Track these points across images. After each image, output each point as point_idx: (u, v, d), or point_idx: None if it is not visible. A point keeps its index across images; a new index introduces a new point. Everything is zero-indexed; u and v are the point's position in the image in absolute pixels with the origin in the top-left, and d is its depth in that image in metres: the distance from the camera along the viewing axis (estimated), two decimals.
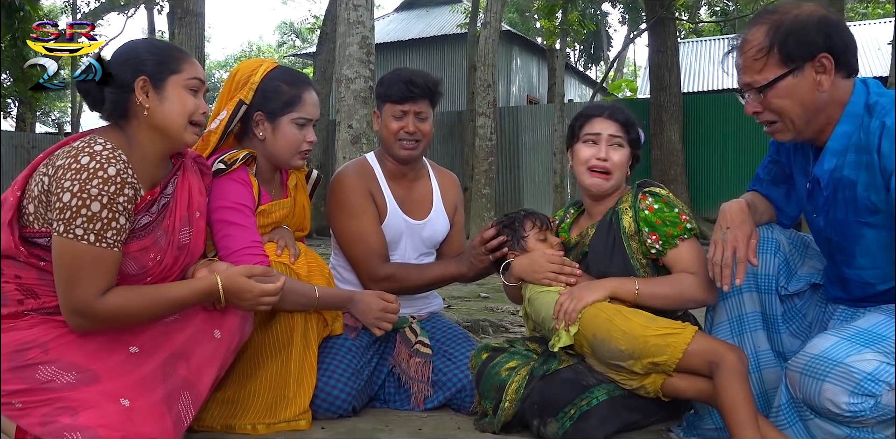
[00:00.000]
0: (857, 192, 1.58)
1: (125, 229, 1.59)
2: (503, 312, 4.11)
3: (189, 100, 1.70)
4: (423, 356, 2.24)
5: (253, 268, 1.74)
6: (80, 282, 1.54)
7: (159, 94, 1.67)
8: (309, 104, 2.09)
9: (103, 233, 1.55)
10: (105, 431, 1.47)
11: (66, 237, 1.53)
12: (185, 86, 1.69)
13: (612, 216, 2.00)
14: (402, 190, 2.36)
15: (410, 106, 2.26)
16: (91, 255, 1.54)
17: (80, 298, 1.55)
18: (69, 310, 1.57)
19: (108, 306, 1.57)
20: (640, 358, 1.77)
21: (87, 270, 1.54)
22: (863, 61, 16.12)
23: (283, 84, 2.07)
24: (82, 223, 1.53)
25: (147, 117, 1.66)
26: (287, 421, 1.94)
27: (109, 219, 1.55)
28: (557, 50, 15.37)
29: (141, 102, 1.65)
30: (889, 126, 1.49)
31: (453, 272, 2.25)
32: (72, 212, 1.53)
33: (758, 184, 1.93)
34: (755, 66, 1.60)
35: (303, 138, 2.08)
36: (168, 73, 1.67)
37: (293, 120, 2.07)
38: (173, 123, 1.68)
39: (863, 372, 1.46)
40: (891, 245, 1.57)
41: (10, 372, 1.55)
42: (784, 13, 1.60)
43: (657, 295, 1.87)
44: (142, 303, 1.61)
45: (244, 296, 1.70)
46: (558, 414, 1.83)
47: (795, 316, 1.85)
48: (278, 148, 2.08)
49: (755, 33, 1.61)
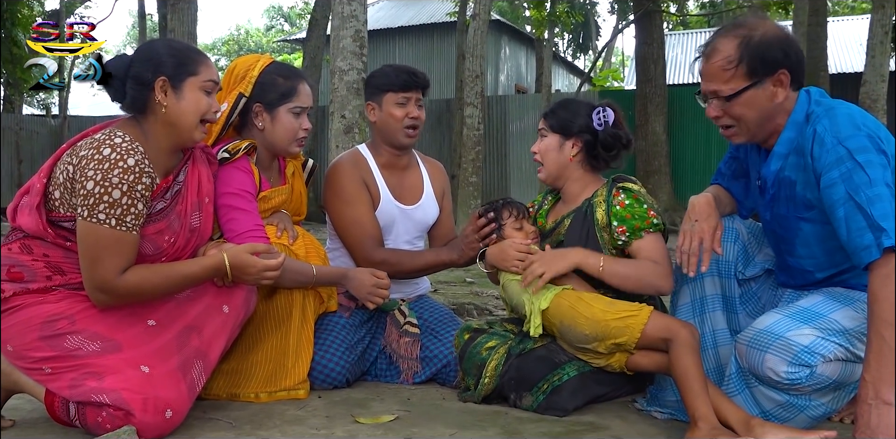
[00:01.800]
0: (797, 191, 1.76)
1: (142, 214, 1.75)
2: (488, 296, 4.29)
3: (203, 100, 1.84)
4: (411, 335, 2.41)
5: (256, 246, 1.89)
6: (102, 262, 1.70)
7: (177, 94, 1.81)
8: (303, 94, 2.26)
9: (123, 218, 1.70)
10: (128, 394, 1.64)
11: (89, 221, 1.69)
12: (200, 87, 1.84)
13: (587, 208, 2.15)
14: (394, 178, 2.52)
15: (413, 93, 2.44)
16: (112, 238, 1.70)
17: (103, 276, 1.71)
18: (92, 287, 1.73)
19: (127, 283, 1.73)
20: (603, 339, 1.94)
21: (108, 251, 1.70)
22: (846, 56, 16.38)
23: (279, 77, 2.24)
24: (105, 209, 1.68)
25: (164, 114, 1.81)
26: (287, 390, 2.11)
27: (129, 205, 1.70)
28: (546, 39, 15.49)
29: (160, 100, 1.80)
30: (819, 133, 1.68)
31: (444, 259, 2.40)
32: (95, 198, 1.68)
33: (720, 178, 2.11)
34: (723, 75, 1.75)
35: (299, 126, 2.25)
36: (186, 74, 1.82)
37: (290, 109, 2.23)
38: (186, 121, 1.82)
39: (800, 345, 1.64)
40: (825, 238, 1.75)
41: (41, 340, 1.71)
42: (752, 29, 1.75)
43: (619, 273, 2.01)
44: (157, 280, 1.78)
45: (248, 271, 1.86)
46: (533, 388, 2.01)
47: (751, 298, 2.04)
48: (277, 136, 2.24)
49: (726, 45, 1.75)
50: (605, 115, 2.14)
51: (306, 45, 13.20)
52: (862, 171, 1.60)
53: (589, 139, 2.16)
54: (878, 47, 7.91)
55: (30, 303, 1.74)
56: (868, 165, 1.60)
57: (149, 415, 1.64)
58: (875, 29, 7.98)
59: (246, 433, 1.79)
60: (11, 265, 1.77)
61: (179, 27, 8.55)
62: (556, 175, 2.20)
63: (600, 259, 2.03)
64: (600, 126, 2.14)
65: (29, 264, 1.77)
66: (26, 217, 1.75)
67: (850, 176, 1.61)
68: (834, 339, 1.66)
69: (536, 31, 16.29)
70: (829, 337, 1.66)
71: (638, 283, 2.02)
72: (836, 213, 1.63)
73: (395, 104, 2.43)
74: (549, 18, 14.25)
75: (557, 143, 2.18)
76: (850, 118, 1.69)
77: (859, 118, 1.70)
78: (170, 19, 8.49)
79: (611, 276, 2.01)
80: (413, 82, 2.43)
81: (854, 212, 1.59)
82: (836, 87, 11.30)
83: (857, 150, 1.62)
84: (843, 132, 1.66)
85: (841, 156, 1.63)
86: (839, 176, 1.62)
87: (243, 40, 39.36)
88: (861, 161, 1.61)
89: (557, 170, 2.19)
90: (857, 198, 1.59)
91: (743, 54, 1.73)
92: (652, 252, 2.05)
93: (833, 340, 1.66)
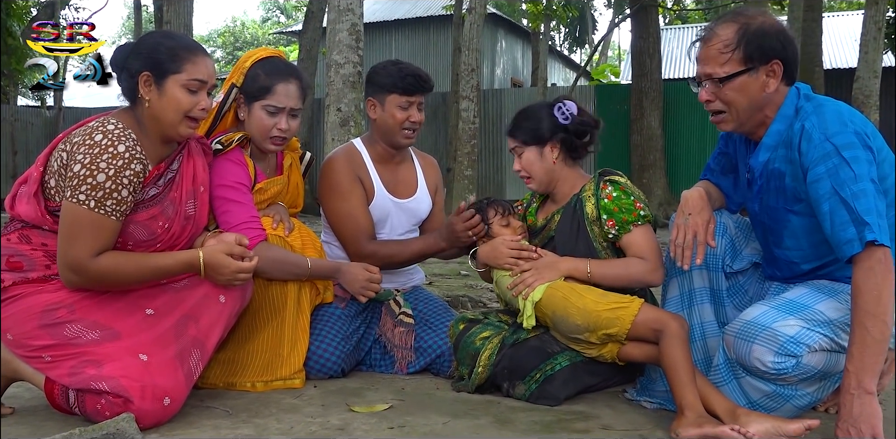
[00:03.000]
0: (786, 183, 1.80)
1: (126, 201, 1.76)
2: (482, 289, 4.32)
3: (185, 99, 1.84)
4: (406, 326, 2.44)
5: (233, 247, 1.90)
6: (77, 242, 1.72)
7: (159, 90, 1.83)
8: (281, 94, 2.22)
9: (103, 201, 1.72)
10: (127, 381, 1.68)
11: (70, 201, 1.72)
12: (183, 85, 1.84)
13: (576, 203, 2.18)
14: (388, 173, 2.54)
15: (417, 97, 2.44)
16: (88, 218, 1.72)
17: (75, 256, 1.73)
18: (64, 266, 1.75)
19: (98, 266, 1.75)
20: (594, 330, 1.98)
21: (84, 232, 1.72)
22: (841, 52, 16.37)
23: (262, 73, 2.22)
24: (86, 190, 1.71)
25: (148, 108, 1.84)
26: (283, 380, 2.14)
27: (111, 189, 1.72)
28: (542, 33, 15.49)
29: (142, 95, 1.83)
30: (807, 128, 1.71)
31: (432, 246, 2.42)
32: (79, 180, 1.71)
33: (709, 174, 2.14)
34: (720, 58, 1.79)
35: (272, 125, 2.22)
36: (169, 72, 1.83)
37: (263, 106, 2.22)
38: (167, 117, 1.84)
39: (786, 335, 1.68)
40: (812, 230, 1.79)
41: (40, 329, 1.74)
42: (752, 18, 1.80)
43: (608, 275, 2.09)
44: (129, 267, 1.79)
45: (222, 271, 1.87)
46: (525, 377, 2.05)
47: (739, 291, 2.07)
48: (252, 131, 2.25)
49: (725, 30, 1.80)
50: (568, 108, 2.16)
51: (302, 37, 13.17)
52: (848, 167, 1.64)
53: (564, 136, 2.18)
54: (871, 43, 7.95)
55: (29, 293, 1.77)
56: (854, 161, 1.64)
57: (147, 403, 1.68)
58: (868, 25, 8.01)
59: (242, 421, 1.82)
60: (11, 254, 1.80)
61: (175, 19, 8.54)
62: (547, 181, 2.23)
63: (587, 265, 2.10)
64: (567, 120, 2.16)
65: (28, 253, 1.79)
66: (24, 205, 1.78)
67: (837, 171, 1.64)
68: (819, 330, 1.70)
69: (532, 25, 16.29)
70: (815, 328, 1.70)
71: (628, 280, 2.10)
72: (822, 208, 1.66)
73: (398, 106, 2.43)
74: (546, 12, 14.25)
75: (537, 154, 2.20)
76: (839, 115, 1.72)
77: (847, 115, 1.73)
78: (166, 11, 8.48)
79: (601, 279, 2.09)
80: (419, 87, 2.43)
81: (839, 207, 1.63)
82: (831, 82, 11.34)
83: (844, 146, 1.66)
84: (831, 128, 1.69)
85: (828, 152, 1.67)
86: (825, 171, 1.66)
87: (239, 32, 39.22)
88: (847, 157, 1.64)
89: (547, 177, 2.22)
90: (842, 192, 1.62)
91: (740, 39, 1.77)
92: (641, 247, 2.09)
93: (818, 331, 1.70)
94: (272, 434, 1.72)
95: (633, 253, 2.10)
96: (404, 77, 2.42)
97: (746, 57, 1.77)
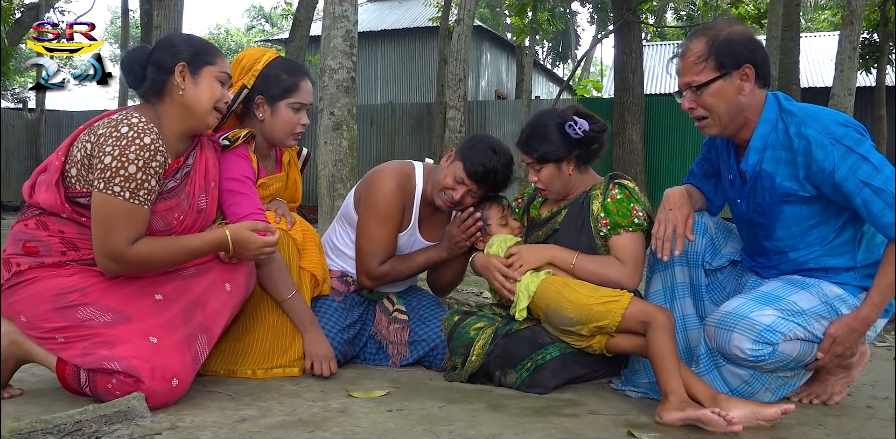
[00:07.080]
0: (776, 182, 1.93)
1: (154, 190, 1.85)
2: (468, 293, 4.41)
3: (218, 88, 1.97)
4: (400, 322, 2.53)
5: (256, 224, 2.01)
6: (115, 232, 1.80)
7: (194, 79, 1.94)
8: (304, 91, 2.35)
9: (137, 192, 1.81)
10: (137, 362, 1.74)
11: (105, 193, 1.79)
12: (216, 76, 1.96)
13: (584, 200, 2.29)
14: (427, 214, 2.57)
15: (476, 188, 2.39)
16: (125, 209, 1.80)
17: (114, 245, 1.81)
18: (103, 255, 1.82)
19: (136, 252, 1.83)
20: (586, 323, 2.08)
21: (121, 222, 1.80)
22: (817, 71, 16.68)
23: (283, 72, 2.33)
24: (120, 182, 1.79)
25: (181, 97, 1.93)
26: (282, 367, 2.21)
27: (143, 180, 1.81)
28: (527, 47, 15.70)
29: (178, 84, 1.92)
30: (815, 137, 1.85)
31: (434, 257, 2.51)
32: (111, 172, 1.78)
33: (692, 178, 2.27)
34: (695, 69, 1.94)
35: (297, 121, 2.34)
36: (204, 63, 1.95)
37: (290, 104, 2.33)
38: (201, 105, 1.94)
39: (762, 324, 1.80)
40: (803, 218, 1.94)
41: (54, 311, 1.81)
42: (719, 30, 1.96)
43: (587, 270, 2.19)
44: (164, 251, 1.88)
45: (249, 246, 1.96)
46: (517, 366, 2.15)
47: (717, 287, 2.19)
48: (275, 129, 2.34)
49: (696, 44, 1.95)
50: (580, 126, 2.20)
51: (289, 45, 13.24)
52: (867, 161, 1.81)
53: (578, 152, 2.25)
54: (847, 62, 8.18)
55: (44, 277, 1.83)
56: (869, 154, 1.82)
57: (157, 383, 1.74)
58: (844, 44, 8.26)
59: (246, 404, 1.89)
60: (28, 240, 1.86)
61: (166, 24, 8.55)
62: (566, 191, 2.32)
63: (573, 256, 2.20)
64: (578, 136, 2.22)
65: (45, 239, 1.86)
66: (44, 193, 1.85)
67: (859, 167, 1.81)
68: (793, 319, 1.83)
69: (517, 39, 16.52)
70: (789, 318, 1.83)
71: (603, 280, 2.17)
72: (855, 201, 1.83)
73: (455, 180, 2.38)
74: (531, 26, 14.47)
75: (555, 170, 2.26)
76: (835, 118, 1.89)
77: (838, 116, 1.90)
78: (156, 15, 8.49)
79: (580, 272, 2.19)
80: (484, 182, 2.37)
81: (872, 198, 1.80)
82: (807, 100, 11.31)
83: (854, 144, 1.83)
84: (837, 132, 1.85)
85: (843, 153, 1.82)
86: (848, 170, 1.82)
87: (223, 40, 39.18)
88: (861, 152, 1.82)
89: (564, 188, 2.31)
90: (874, 184, 1.80)
91: (711, 49, 1.92)
92: (623, 251, 2.20)
93: (792, 320, 1.83)
94: (276, 415, 1.79)
95: (614, 254, 2.21)
96: (485, 168, 2.35)
97: (719, 64, 1.91)
